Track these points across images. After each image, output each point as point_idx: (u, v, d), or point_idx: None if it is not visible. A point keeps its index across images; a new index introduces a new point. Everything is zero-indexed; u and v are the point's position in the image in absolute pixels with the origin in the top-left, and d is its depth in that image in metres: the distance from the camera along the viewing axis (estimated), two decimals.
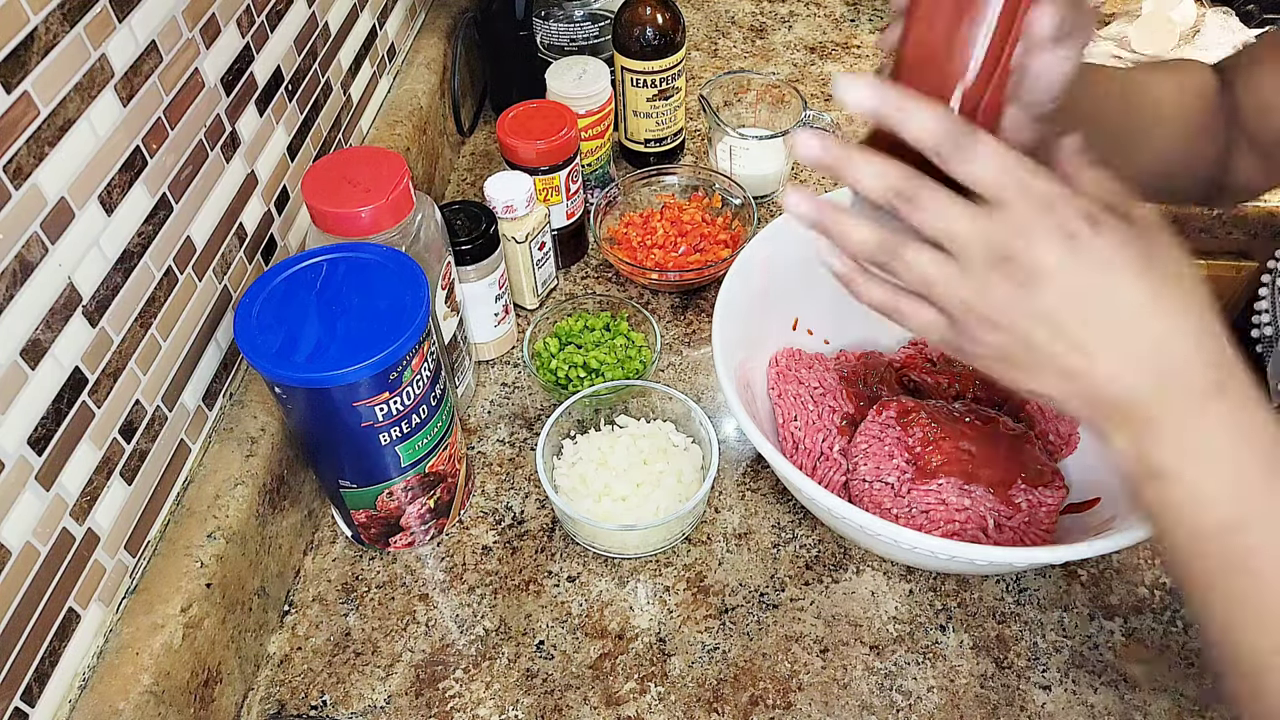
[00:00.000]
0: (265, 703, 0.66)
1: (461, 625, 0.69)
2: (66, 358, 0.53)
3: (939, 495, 0.67)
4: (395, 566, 0.72)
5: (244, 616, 0.65)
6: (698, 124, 1.12)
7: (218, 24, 0.66)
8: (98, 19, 0.54)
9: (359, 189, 0.65)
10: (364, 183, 0.65)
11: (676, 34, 0.95)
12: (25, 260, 0.49)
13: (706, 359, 0.87)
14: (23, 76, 0.48)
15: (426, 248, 0.68)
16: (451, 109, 1.06)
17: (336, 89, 0.86)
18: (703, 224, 0.94)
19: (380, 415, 0.61)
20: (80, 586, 0.55)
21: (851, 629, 0.68)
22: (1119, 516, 0.64)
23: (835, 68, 1.22)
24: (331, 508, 0.74)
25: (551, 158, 0.86)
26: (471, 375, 0.82)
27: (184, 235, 0.63)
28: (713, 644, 0.67)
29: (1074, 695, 0.64)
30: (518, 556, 0.73)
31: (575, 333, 0.85)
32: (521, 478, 0.78)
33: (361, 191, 0.64)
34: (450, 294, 0.73)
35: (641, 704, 0.64)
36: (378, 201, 0.64)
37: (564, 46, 1.06)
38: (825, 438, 0.73)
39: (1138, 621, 0.68)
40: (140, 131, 0.58)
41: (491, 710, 0.64)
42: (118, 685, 0.55)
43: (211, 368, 0.68)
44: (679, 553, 0.73)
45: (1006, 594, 0.70)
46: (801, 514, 0.75)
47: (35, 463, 0.51)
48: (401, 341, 0.59)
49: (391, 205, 0.65)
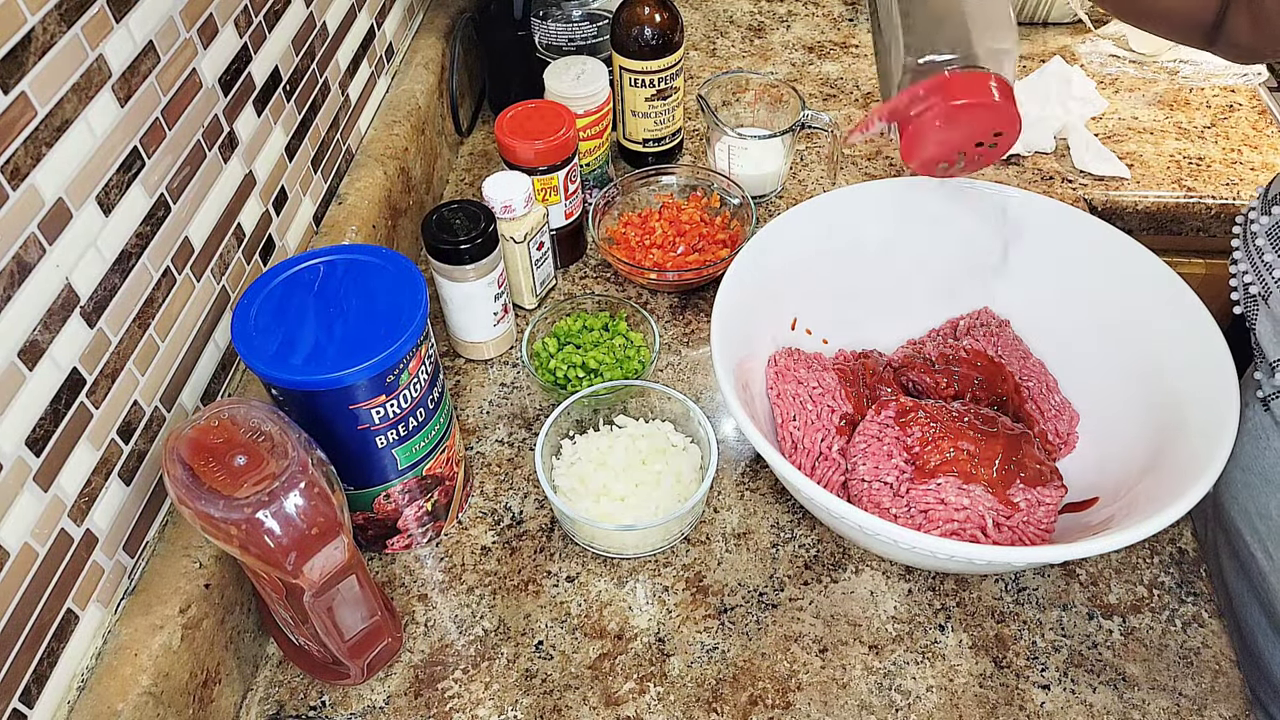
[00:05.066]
0: (264, 703, 0.65)
1: (460, 626, 0.69)
2: (64, 358, 0.53)
3: (938, 495, 0.67)
4: (394, 567, 0.72)
5: (243, 617, 0.65)
6: (696, 124, 1.12)
7: (215, 24, 0.66)
8: (95, 19, 0.53)
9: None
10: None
11: (675, 34, 0.95)
12: (23, 261, 0.49)
13: (705, 359, 0.87)
14: (20, 77, 0.48)
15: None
16: (450, 109, 1.06)
17: (334, 89, 0.86)
18: (701, 224, 0.94)
19: (377, 418, 0.61)
20: (78, 587, 0.55)
21: (850, 629, 0.68)
22: (1118, 516, 0.64)
23: (834, 67, 1.22)
24: None
25: (550, 158, 0.86)
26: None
27: (182, 236, 0.63)
28: (712, 644, 0.67)
29: (1073, 694, 0.64)
30: (516, 557, 0.73)
31: (574, 333, 0.85)
32: (520, 478, 0.78)
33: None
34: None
35: (641, 704, 0.64)
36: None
37: (562, 46, 1.05)
38: (824, 437, 0.73)
39: (1136, 621, 0.68)
40: (138, 132, 0.58)
41: (490, 711, 0.64)
42: (116, 686, 0.55)
43: (210, 368, 0.68)
44: (678, 553, 0.73)
45: (1005, 593, 0.70)
46: (800, 514, 0.75)
47: (33, 463, 0.51)
48: (399, 344, 0.59)
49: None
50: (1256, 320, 0.69)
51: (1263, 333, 0.69)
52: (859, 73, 1.21)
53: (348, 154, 0.90)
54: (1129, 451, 0.70)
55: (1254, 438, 0.70)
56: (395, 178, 0.91)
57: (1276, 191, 0.70)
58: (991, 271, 0.81)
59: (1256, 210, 0.71)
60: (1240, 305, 0.72)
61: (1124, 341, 0.74)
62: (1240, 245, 0.73)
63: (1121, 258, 0.74)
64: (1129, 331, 0.73)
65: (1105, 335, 0.75)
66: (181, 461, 0.52)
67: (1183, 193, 1.03)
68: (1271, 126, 1.11)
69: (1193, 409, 0.65)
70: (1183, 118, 1.13)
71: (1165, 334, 0.70)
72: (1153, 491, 0.63)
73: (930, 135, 0.68)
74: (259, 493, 0.51)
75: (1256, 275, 0.70)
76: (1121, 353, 0.74)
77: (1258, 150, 1.08)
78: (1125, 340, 0.74)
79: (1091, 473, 0.73)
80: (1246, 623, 0.75)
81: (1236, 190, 1.03)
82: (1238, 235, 0.74)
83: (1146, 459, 0.67)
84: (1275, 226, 0.68)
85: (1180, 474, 0.61)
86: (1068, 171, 1.05)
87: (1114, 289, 0.75)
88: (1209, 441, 0.61)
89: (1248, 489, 0.71)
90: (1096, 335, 0.76)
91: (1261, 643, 0.74)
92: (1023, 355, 0.79)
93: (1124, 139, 1.10)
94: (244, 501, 0.51)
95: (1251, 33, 0.63)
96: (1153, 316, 0.72)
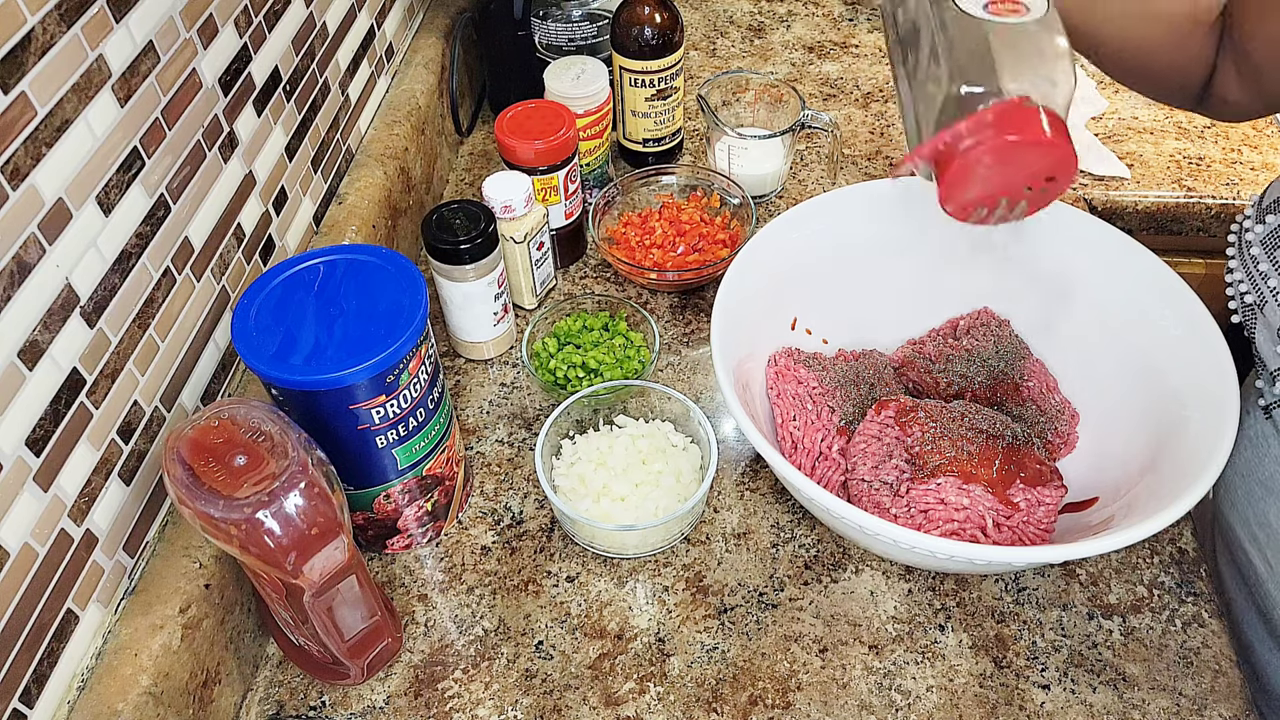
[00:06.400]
0: (264, 703, 0.65)
1: (460, 626, 0.69)
2: (64, 358, 0.53)
3: (938, 495, 0.67)
4: (394, 567, 0.72)
5: (243, 617, 0.65)
6: (696, 124, 1.12)
7: (215, 24, 0.66)
8: (95, 19, 0.53)
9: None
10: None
11: (675, 34, 0.95)
12: (23, 261, 0.49)
13: (705, 359, 0.87)
14: (20, 77, 0.48)
15: None
16: (450, 109, 1.06)
17: (334, 89, 0.86)
18: (701, 224, 0.94)
19: (377, 418, 0.61)
20: (78, 587, 0.55)
21: (850, 628, 0.68)
22: (1118, 516, 0.64)
23: (834, 67, 1.22)
24: None
25: (550, 157, 0.86)
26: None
27: (182, 236, 0.63)
28: (712, 644, 0.67)
29: (1073, 694, 0.64)
30: (516, 557, 0.73)
31: (574, 333, 0.85)
32: (520, 478, 0.78)
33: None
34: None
35: (641, 704, 0.64)
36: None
37: (562, 46, 1.06)
38: (824, 437, 0.73)
39: (1136, 621, 0.68)
40: (138, 132, 0.58)
41: (490, 711, 0.64)
42: (116, 686, 0.55)
43: (210, 369, 0.68)
44: (678, 553, 0.73)
45: (1005, 593, 0.70)
46: (800, 514, 0.75)
47: (33, 463, 0.51)
48: (399, 344, 0.59)
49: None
50: (1255, 329, 0.69)
51: (1261, 342, 0.69)
52: (859, 73, 1.21)
53: (348, 154, 0.90)
54: (1129, 451, 0.70)
55: (1255, 446, 0.70)
56: (395, 178, 0.91)
57: (1271, 200, 0.70)
58: (992, 271, 0.81)
59: (1251, 219, 0.71)
60: (1238, 314, 0.71)
61: (1124, 341, 0.74)
62: (1235, 254, 0.72)
63: (1121, 258, 0.74)
64: (1129, 331, 0.73)
65: (1105, 335, 0.75)
66: (181, 461, 0.52)
67: (1183, 193, 1.03)
68: (1271, 126, 1.11)
69: (1193, 409, 0.65)
70: (1182, 117, 1.13)
71: (1165, 334, 0.70)
72: (1153, 491, 0.63)
73: (975, 175, 0.59)
74: (259, 493, 0.51)
75: (1252, 284, 0.69)
76: (1121, 353, 0.74)
77: (1258, 150, 1.08)
78: (1125, 340, 0.74)
79: (1091, 473, 0.73)
80: (1244, 630, 0.75)
81: (1236, 190, 1.03)
82: (1233, 244, 0.73)
83: (1146, 459, 0.67)
84: (1270, 235, 0.68)
85: (1180, 474, 0.61)
86: None
87: (1114, 289, 0.75)
88: (1209, 441, 0.61)
89: (1248, 497, 0.71)
90: (1096, 335, 0.76)
91: (1258, 649, 0.74)
92: (1023, 355, 0.79)
93: (1124, 139, 1.10)
94: (244, 501, 0.51)
95: (1240, 88, 0.63)
96: (1153, 316, 0.72)
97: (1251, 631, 0.74)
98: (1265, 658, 0.73)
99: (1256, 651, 0.74)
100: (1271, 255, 0.67)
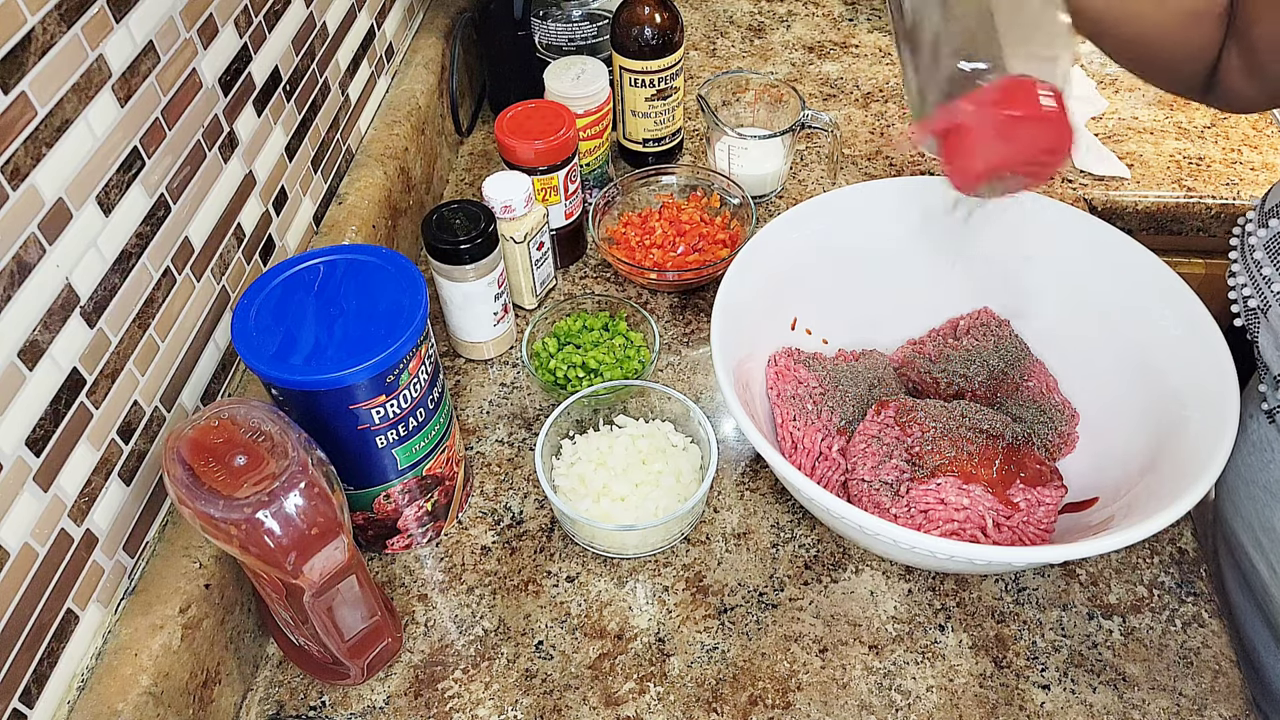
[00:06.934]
0: (264, 703, 0.65)
1: (460, 626, 0.69)
2: (64, 358, 0.53)
3: (938, 495, 0.67)
4: (394, 567, 0.72)
5: (243, 617, 0.65)
6: (696, 124, 1.12)
7: (215, 24, 0.66)
8: (95, 19, 0.53)
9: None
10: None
11: (675, 34, 0.95)
12: (23, 261, 0.49)
13: (705, 359, 0.87)
14: (20, 77, 0.48)
15: None
16: (450, 109, 1.06)
17: (334, 89, 0.86)
18: (701, 224, 0.94)
19: (377, 418, 0.61)
20: (78, 587, 0.55)
21: (850, 628, 0.68)
22: (1118, 516, 0.64)
23: (834, 67, 1.22)
24: None
25: (550, 158, 0.86)
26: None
27: (182, 236, 0.63)
28: (712, 644, 0.67)
29: (1073, 694, 0.64)
30: (516, 557, 0.73)
31: (574, 333, 0.85)
32: (520, 478, 0.78)
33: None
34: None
35: (641, 704, 0.64)
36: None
37: (562, 46, 1.06)
38: (824, 437, 0.73)
39: (1136, 621, 0.68)
40: (138, 132, 0.58)
41: (490, 711, 0.64)
42: (116, 686, 0.55)
43: (210, 368, 0.68)
44: (678, 553, 0.73)
45: (1005, 593, 0.70)
46: (800, 514, 0.75)
47: (33, 463, 0.51)
48: (399, 344, 0.59)
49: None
50: (1258, 333, 0.69)
51: (1265, 346, 0.69)
52: (859, 73, 1.21)
53: (348, 154, 0.90)
54: (1129, 451, 0.70)
55: (1258, 450, 0.70)
56: (395, 178, 0.91)
57: (1274, 203, 0.69)
58: (992, 271, 0.81)
59: (1254, 223, 0.71)
60: (1240, 318, 0.71)
61: (1124, 341, 0.74)
62: (1238, 258, 0.72)
63: (1121, 258, 0.74)
64: (1129, 332, 0.73)
65: (1105, 335, 0.75)
66: (181, 461, 0.52)
67: (1183, 193, 1.03)
68: (1271, 126, 1.11)
69: (1193, 409, 0.65)
70: (1183, 117, 1.13)
71: (1165, 334, 0.70)
72: (1153, 491, 0.63)
73: (978, 149, 0.61)
74: (259, 493, 0.51)
75: (1255, 289, 0.69)
76: (1121, 353, 0.74)
77: (1258, 150, 1.08)
78: (1125, 340, 0.74)
79: (1091, 473, 0.73)
80: (1248, 635, 0.75)
81: (1236, 190, 1.03)
82: (1235, 248, 0.73)
83: (1146, 459, 0.67)
84: (1273, 240, 0.68)
85: (1180, 474, 0.61)
86: (1067, 171, 1.05)
87: (1114, 289, 0.75)
88: (1209, 441, 0.61)
89: (1251, 501, 0.71)
90: (1096, 335, 0.76)
91: (1263, 655, 0.74)
92: (1023, 355, 0.79)
93: (1124, 139, 1.10)
94: (244, 501, 0.51)
95: (1245, 79, 0.63)
96: (1153, 316, 0.72)
97: (1255, 634, 0.74)
98: (1269, 660, 0.73)
99: (1260, 654, 0.74)
100: (1275, 260, 0.67)
